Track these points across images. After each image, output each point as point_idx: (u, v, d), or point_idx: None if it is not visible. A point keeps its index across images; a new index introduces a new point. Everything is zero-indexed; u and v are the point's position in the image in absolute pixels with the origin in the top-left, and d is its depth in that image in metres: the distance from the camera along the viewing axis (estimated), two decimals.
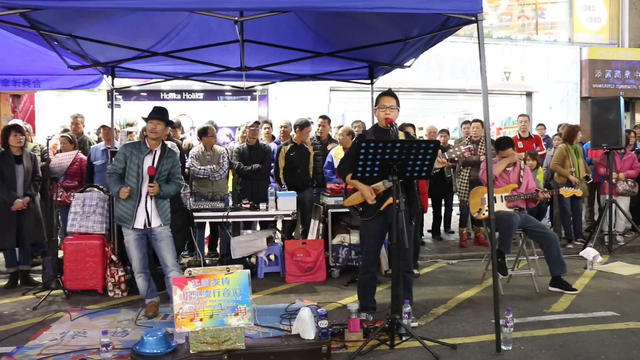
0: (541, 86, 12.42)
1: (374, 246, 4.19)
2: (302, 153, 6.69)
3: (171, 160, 4.51)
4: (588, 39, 12.86)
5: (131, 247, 4.44)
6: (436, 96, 12.67)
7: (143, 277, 4.51)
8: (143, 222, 4.39)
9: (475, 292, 5.38)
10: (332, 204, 5.91)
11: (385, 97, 4.06)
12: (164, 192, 4.42)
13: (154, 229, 4.41)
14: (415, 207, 4.13)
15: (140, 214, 4.38)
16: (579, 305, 4.85)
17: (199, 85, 10.57)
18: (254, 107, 11.29)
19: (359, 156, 3.38)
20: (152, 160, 4.41)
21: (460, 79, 11.68)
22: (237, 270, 3.48)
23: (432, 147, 3.45)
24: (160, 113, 4.44)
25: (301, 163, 6.66)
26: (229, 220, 5.96)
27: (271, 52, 5.64)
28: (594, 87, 12.45)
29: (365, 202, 4.04)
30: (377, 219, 4.06)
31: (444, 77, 11.74)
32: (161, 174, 4.43)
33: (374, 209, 4.02)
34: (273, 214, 5.85)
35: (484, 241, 7.47)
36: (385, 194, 3.97)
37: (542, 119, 11.52)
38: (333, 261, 5.95)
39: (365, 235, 4.23)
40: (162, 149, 4.50)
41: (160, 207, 4.44)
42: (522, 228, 5.34)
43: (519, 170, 5.63)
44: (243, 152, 6.54)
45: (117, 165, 4.44)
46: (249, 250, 5.93)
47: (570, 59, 12.63)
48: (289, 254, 5.84)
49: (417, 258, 6.08)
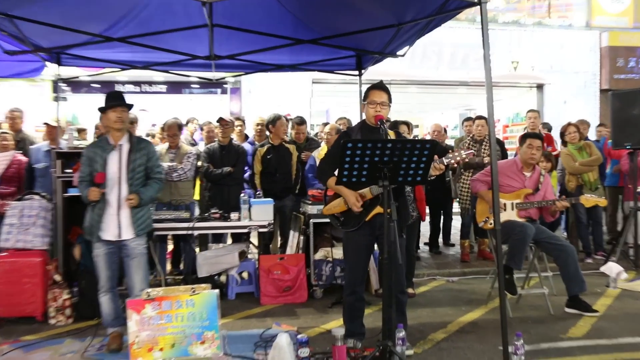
0: (554, 77, 12.60)
1: (359, 262, 4.18)
2: (282, 155, 6.68)
3: (145, 152, 4.45)
4: (608, 23, 12.99)
5: (100, 263, 4.36)
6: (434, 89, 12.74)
7: (110, 297, 4.40)
8: (114, 234, 4.32)
9: (480, 315, 5.38)
10: (314, 213, 5.89)
11: (375, 91, 4.05)
12: (144, 199, 4.37)
13: (128, 243, 4.35)
14: (405, 217, 4.14)
15: (110, 223, 4.31)
16: (601, 330, 4.81)
17: (161, 77, 10.60)
18: (225, 101, 11.34)
19: (344, 158, 3.37)
20: (119, 158, 4.34)
21: (461, 70, 11.80)
22: (204, 291, 3.47)
23: (428, 147, 3.43)
24: (120, 98, 4.39)
25: (280, 166, 6.65)
26: (194, 233, 5.91)
27: (245, 39, 5.63)
28: (615, 78, 12.62)
29: (348, 210, 4.03)
30: (362, 230, 4.04)
31: (442, 68, 11.85)
32: (136, 173, 4.37)
33: (358, 218, 4.02)
34: (246, 225, 5.80)
35: (490, 255, 7.47)
36: (372, 201, 3.97)
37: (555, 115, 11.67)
38: (315, 279, 5.94)
39: (348, 249, 4.22)
40: (130, 142, 4.42)
41: (136, 214, 4.37)
42: (534, 240, 5.35)
43: (539, 176, 5.60)
44: (213, 153, 6.51)
45: (85, 171, 4.38)
46: (218, 267, 5.91)
47: (588, 46, 12.82)
48: (264, 272, 5.82)
49: (411, 275, 6.06)
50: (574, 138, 7.42)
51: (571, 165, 7.35)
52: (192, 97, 11.36)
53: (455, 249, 8.30)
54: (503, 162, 5.76)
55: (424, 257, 7.89)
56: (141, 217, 4.41)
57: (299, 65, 6.57)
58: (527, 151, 5.49)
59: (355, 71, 6.65)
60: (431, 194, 7.35)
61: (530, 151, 5.47)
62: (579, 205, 6.84)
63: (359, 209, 3.94)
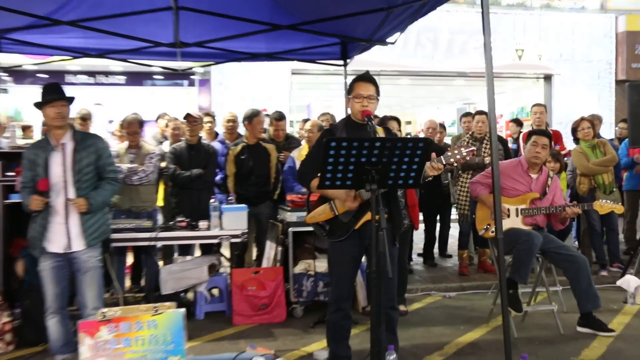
0: (564, 67, 12.74)
1: (346, 275, 4.15)
2: (258, 155, 6.66)
3: (93, 149, 4.40)
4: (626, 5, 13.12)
5: (46, 280, 4.32)
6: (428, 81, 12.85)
7: (58, 320, 4.36)
8: (63, 245, 4.29)
9: (481, 335, 5.40)
10: (294, 221, 5.88)
11: (361, 83, 4.05)
12: (95, 204, 4.32)
13: (78, 256, 4.32)
14: (399, 224, 4.13)
15: (57, 233, 4.28)
16: (618, 352, 4.80)
17: (118, 66, 10.53)
18: (193, 95, 11.36)
19: (326, 159, 3.33)
20: (63, 159, 4.29)
21: (459, 59, 11.90)
22: (168, 310, 3.44)
23: (422, 146, 3.39)
24: (58, 91, 4.32)
25: (256, 168, 6.64)
26: (158, 244, 5.89)
27: (215, 24, 5.64)
28: (633, 67, 12.76)
29: (335, 218, 4.04)
30: (351, 241, 4.04)
31: (438, 57, 11.95)
32: (83, 174, 4.33)
33: (346, 227, 4.03)
34: (217, 235, 5.80)
35: (491, 267, 7.45)
36: (360, 208, 3.96)
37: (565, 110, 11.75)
38: (295, 296, 5.94)
39: (334, 261, 4.20)
40: (74, 139, 4.37)
41: (86, 221, 4.34)
42: (541, 250, 5.31)
43: (546, 178, 5.60)
44: (180, 153, 6.50)
45: (26, 176, 4.35)
46: (185, 283, 5.89)
47: (603, 32, 12.95)
48: (237, 287, 5.81)
49: (404, 290, 6.06)
50: (588, 134, 7.39)
51: (584, 165, 7.32)
52: (155, 90, 11.32)
53: (453, 261, 8.30)
54: (506, 163, 5.75)
55: (418, 270, 7.89)
56: (93, 225, 4.37)
57: (277, 54, 6.57)
58: (531, 149, 5.49)
59: (340, 61, 6.66)
60: (426, 198, 7.34)
61: (535, 149, 5.47)
62: (592, 211, 6.81)
63: (355, 205, 3.91)
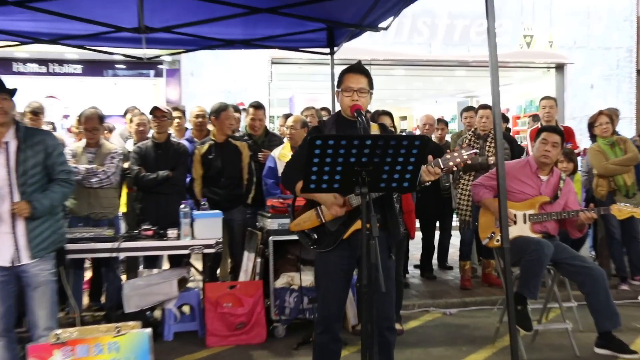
0: (578, 55, 12.76)
1: (335, 291, 4.12)
2: (228, 154, 6.66)
3: (41, 147, 4.37)
4: None
5: None
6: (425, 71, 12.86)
7: (4, 344, 4.35)
8: (9, 257, 4.27)
9: (486, 356, 5.40)
10: (275, 229, 5.88)
11: (352, 75, 4.04)
12: (40, 208, 4.28)
13: (28, 269, 4.30)
14: (395, 233, 4.12)
15: (4, 244, 4.26)
16: None
17: (74, 54, 10.50)
18: (160, 87, 11.31)
19: (311, 159, 3.28)
20: (6, 160, 4.26)
21: (459, 47, 11.91)
22: (132, 331, 3.42)
23: (418, 145, 3.36)
24: None
25: (226, 169, 6.63)
26: (120, 255, 5.87)
27: (184, 7, 5.65)
28: None
29: (322, 225, 4.03)
30: (340, 251, 4.02)
31: (436, 44, 11.94)
32: (29, 176, 4.31)
33: (334, 236, 4.02)
34: (188, 245, 5.79)
35: (497, 280, 7.48)
36: (350, 214, 3.95)
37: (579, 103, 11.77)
38: (277, 313, 5.94)
39: (322, 275, 4.18)
40: (17, 137, 4.33)
41: (32, 229, 4.31)
42: (553, 261, 5.28)
43: (558, 180, 5.61)
44: (146, 153, 6.47)
45: None
46: (152, 300, 5.88)
47: (622, 15, 12.99)
48: (211, 304, 5.79)
49: (398, 307, 6.08)
50: (606, 130, 7.41)
51: (602, 165, 7.33)
52: (117, 81, 11.26)
53: (454, 273, 8.31)
54: (513, 163, 5.77)
55: (415, 284, 7.91)
56: (42, 234, 4.35)
57: (255, 40, 6.56)
58: (541, 148, 5.49)
59: (326, 49, 6.65)
60: (423, 203, 7.33)
61: (544, 147, 5.47)
62: (610, 216, 6.64)
63: (341, 211, 3.90)
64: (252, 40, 6.57)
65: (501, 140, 4.15)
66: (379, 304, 3.71)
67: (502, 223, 3.95)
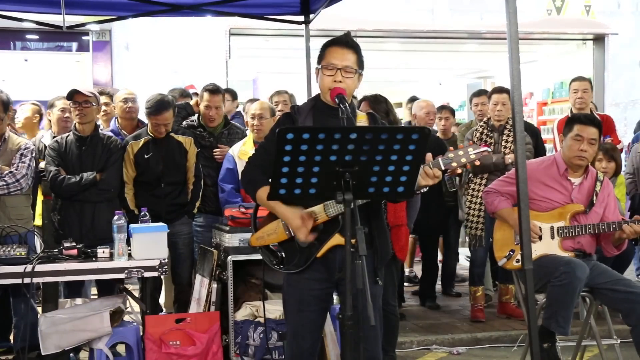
0: (623, 24, 12.15)
1: (309, 323, 3.92)
2: (169, 153, 6.35)
3: None
4: None
5: None
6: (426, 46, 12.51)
7: None
8: None
9: None
10: (235, 246, 5.66)
11: (336, 48, 3.82)
12: None
13: None
14: (384, 251, 3.94)
15: None
16: None
17: None
18: (85, 64, 10.91)
19: (281, 157, 3.14)
20: None
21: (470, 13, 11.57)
22: None
23: (417, 139, 3.19)
24: None
25: (167, 171, 6.29)
26: (35, 281, 5.45)
27: None
28: None
29: (291, 240, 3.79)
30: (312, 272, 3.80)
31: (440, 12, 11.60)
32: None
33: (307, 253, 3.77)
34: (123, 267, 5.39)
35: (517, 311, 7.17)
36: (327, 227, 3.70)
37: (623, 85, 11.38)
38: (237, 353, 5.71)
39: (291, 302, 3.98)
40: None
41: None
42: (589, 287, 4.96)
43: (594, 183, 5.21)
44: (66, 149, 6.06)
45: None
46: (77, 338, 5.42)
47: None
48: (154, 343, 5.43)
49: (392, 344, 5.81)
50: None
51: None
52: (29, 56, 10.98)
53: (463, 302, 8.03)
54: (536, 163, 5.44)
55: (413, 314, 7.56)
56: None
57: (208, 5, 6.33)
58: (574, 146, 5.10)
59: (300, 16, 6.48)
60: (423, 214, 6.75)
61: (579, 146, 5.09)
62: None
63: (309, 238, 3.67)
64: (205, 5, 6.30)
65: (522, 134, 4.04)
66: (364, 341, 3.68)
67: (522, 239, 3.91)
